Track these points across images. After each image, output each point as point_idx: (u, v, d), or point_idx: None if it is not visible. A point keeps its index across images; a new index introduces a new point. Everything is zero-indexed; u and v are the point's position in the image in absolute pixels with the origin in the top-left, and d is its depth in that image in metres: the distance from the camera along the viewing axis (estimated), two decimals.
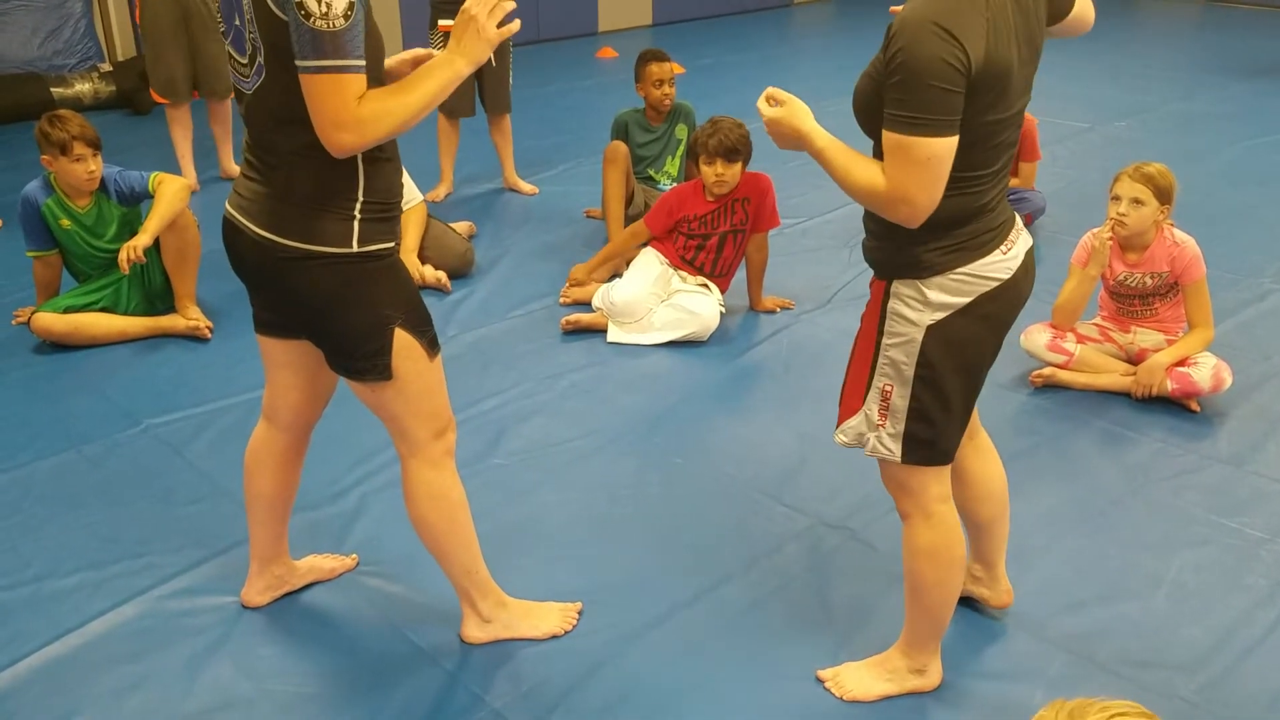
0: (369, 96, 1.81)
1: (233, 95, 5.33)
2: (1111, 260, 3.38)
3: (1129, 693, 2.18)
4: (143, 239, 3.56)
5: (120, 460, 3.05)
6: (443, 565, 2.26)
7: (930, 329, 1.88)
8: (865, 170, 1.79)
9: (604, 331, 3.84)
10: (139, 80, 6.73)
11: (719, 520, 2.79)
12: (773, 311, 4.03)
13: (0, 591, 2.50)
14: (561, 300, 4.09)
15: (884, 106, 1.74)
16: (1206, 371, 3.26)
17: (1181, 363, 3.28)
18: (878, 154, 1.85)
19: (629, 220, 4.50)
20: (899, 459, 1.98)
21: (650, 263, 3.93)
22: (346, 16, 1.75)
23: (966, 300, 1.87)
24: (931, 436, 1.96)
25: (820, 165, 1.86)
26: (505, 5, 1.90)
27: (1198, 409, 3.29)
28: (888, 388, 1.94)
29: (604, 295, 3.86)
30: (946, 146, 1.72)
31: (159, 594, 2.49)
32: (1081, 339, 3.47)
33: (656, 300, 3.84)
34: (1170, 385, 3.27)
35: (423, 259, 4.25)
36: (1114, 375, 3.40)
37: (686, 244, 3.94)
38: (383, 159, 1.96)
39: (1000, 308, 1.92)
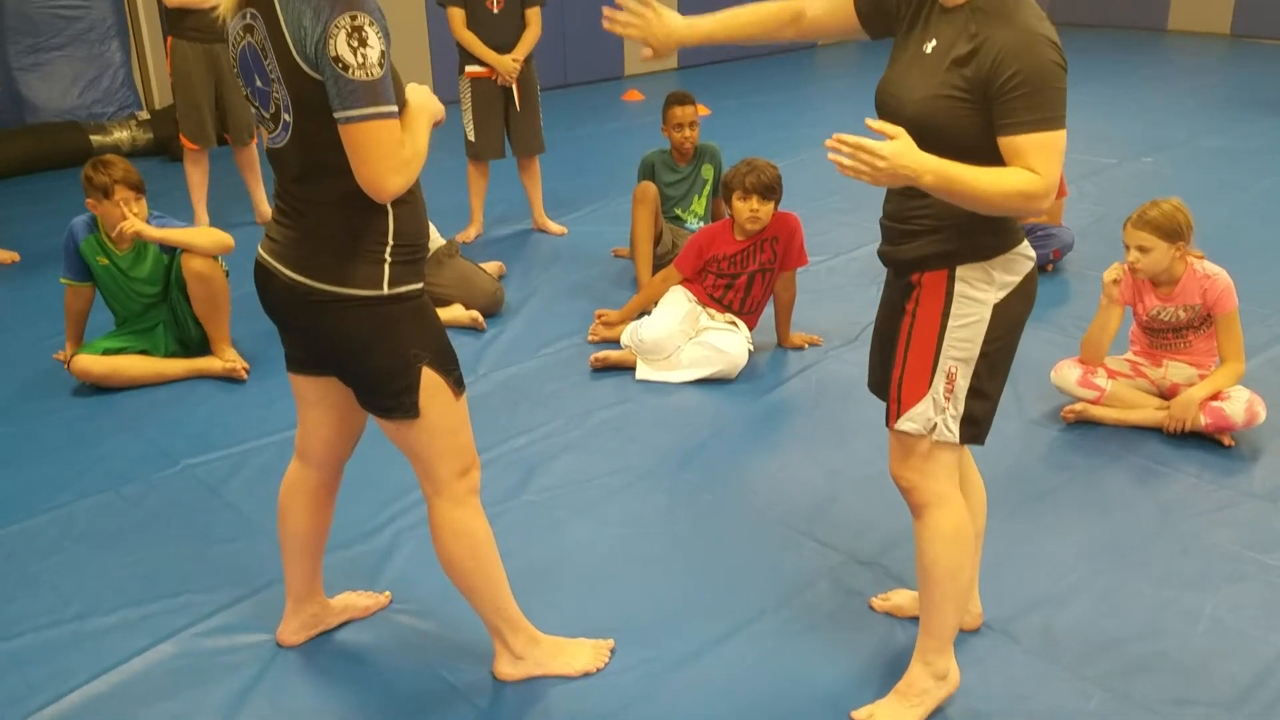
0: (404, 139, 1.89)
1: (256, 140, 5.50)
2: (1144, 295, 3.38)
3: None
4: (149, 229, 3.62)
5: (158, 500, 3.09)
6: (472, 602, 2.28)
7: (996, 307, 2.01)
8: (1007, 175, 1.85)
9: (633, 369, 3.87)
10: (176, 127, 6.88)
11: (750, 556, 2.79)
12: (801, 348, 4.05)
13: (42, 629, 2.53)
14: (590, 338, 4.13)
15: (1002, 118, 1.85)
16: (1240, 406, 3.23)
17: (1214, 397, 3.26)
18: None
19: (656, 259, 4.54)
20: (958, 440, 2.07)
21: (678, 300, 3.96)
22: (380, 65, 1.82)
23: (1019, 278, 2.02)
24: (983, 414, 2.08)
25: (945, 189, 1.85)
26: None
27: (1231, 444, 3.27)
28: (953, 370, 2.03)
29: (633, 333, 3.89)
30: (1065, 136, 1.90)
31: (196, 632, 2.52)
32: (1113, 374, 3.46)
33: (685, 338, 3.86)
34: (1203, 420, 3.25)
35: (452, 299, 4.29)
36: (1146, 410, 3.38)
37: (715, 282, 3.97)
38: (410, 201, 2.01)
39: (1035, 286, 2.07)
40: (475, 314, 4.26)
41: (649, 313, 4.02)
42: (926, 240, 2.02)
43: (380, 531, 2.90)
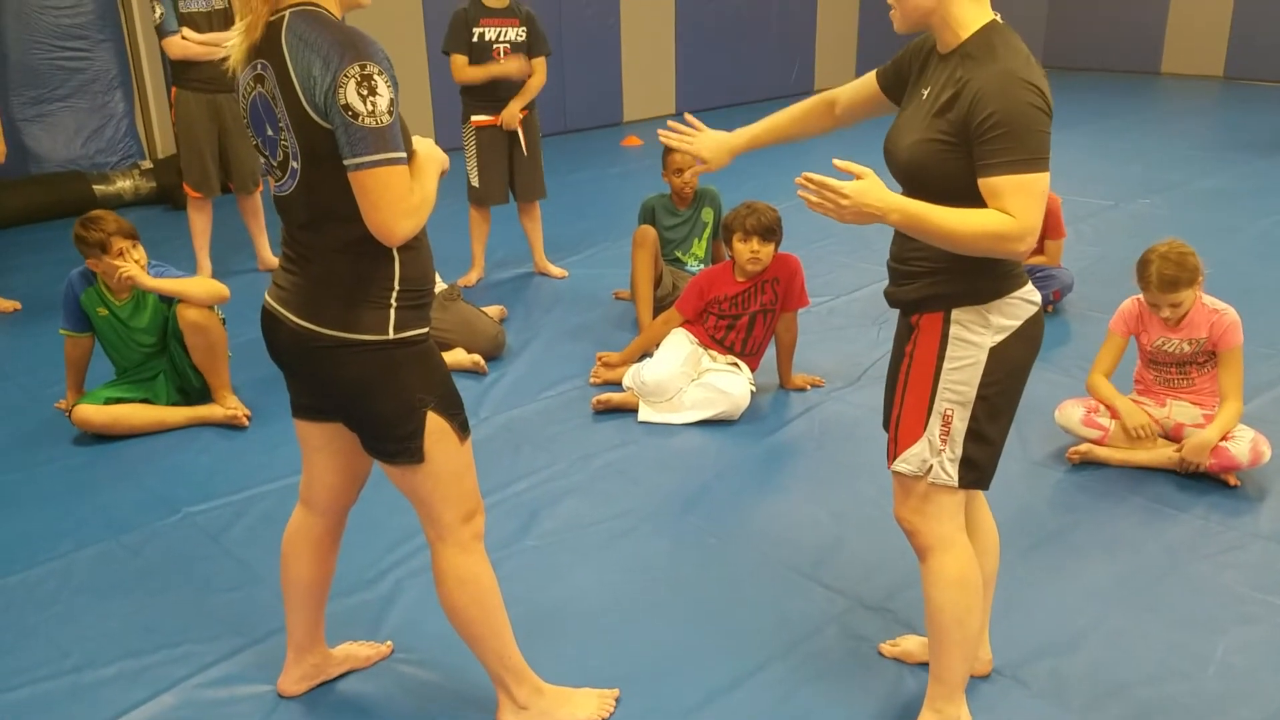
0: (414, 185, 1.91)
1: (260, 189, 5.55)
2: (1150, 325, 3.39)
3: None
4: (145, 277, 3.63)
5: (159, 549, 3.07)
6: (475, 651, 2.25)
7: (992, 351, 2.00)
8: (980, 216, 1.86)
9: (635, 411, 3.86)
10: (178, 176, 6.92)
11: (756, 602, 2.76)
12: (803, 389, 4.04)
13: (40, 682, 2.50)
14: (592, 380, 4.13)
15: (980, 159, 1.86)
16: (1245, 445, 3.22)
17: (1222, 437, 3.25)
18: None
19: (657, 301, 4.56)
20: (956, 484, 2.05)
21: (680, 342, 3.96)
22: (390, 112, 1.84)
23: (1019, 323, 2.01)
24: (985, 458, 2.06)
25: (912, 228, 1.89)
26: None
27: (1237, 484, 3.25)
28: (949, 412, 2.02)
29: (635, 375, 3.89)
30: (1048, 180, 1.88)
31: (197, 683, 2.49)
32: (1112, 412, 3.44)
33: (687, 379, 3.86)
34: (1209, 460, 3.23)
35: (454, 343, 4.30)
36: (1151, 451, 3.36)
37: (717, 324, 3.97)
38: (416, 247, 2.02)
39: (1039, 330, 2.06)
40: (477, 357, 4.26)
41: (651, 355, 4.02)
42: (925, 282, 2.03)
43: (382, 579, 2.88)
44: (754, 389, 3.92)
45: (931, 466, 2.05)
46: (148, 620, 2.73)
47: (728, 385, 3.81)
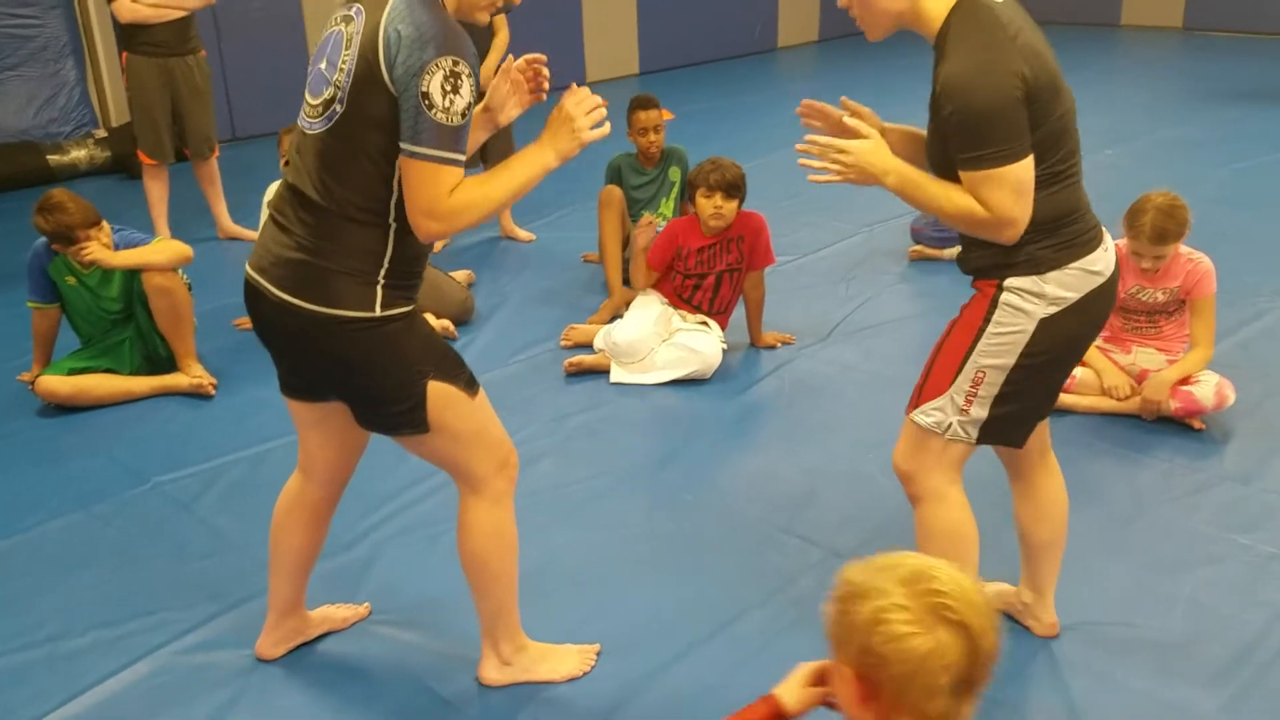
0: (460, 186, 1.87)
1: (216, 155, 5.40)
2: (1125, 273, 3.41)
3: (1152, 712, 2.18)
4: (107, 255, 3.59)
5: (129, 519, 3.04)
6: (480, 603, 2.25)
7: (1043, 322, 1.96)
8: (961, 197, 1.91)
9: (607, 373, 3.86)
10: (134, 144, 6.79)
11: (732, 555, 2.78)
12: (773, 347, 4.06)
13: (16, 653, 2.48)
14: (562, 343, 4.11)
15: (955, 152, 1.87)
16: (1209, 389, 3.27)
17: (1184, 381, 3.30)
18: None
19: (625, 262, 4.53)
20: (973, 442, 2.06)
21: (650, 302, 3.96)
22: (464, 115, 1.83)
23: (1076, 296, 1.97)
24: (1013, 419, 2.05)
25: (904, 193, 1.96)
26: (600, 111, 2.05)
27: (1202, 427, 3.31)
28: (980, 374, 2.01)
29: (605, 336, 3.88)
30: (1028, 165, 1.88)
31: (173, 650, 2.48)
32: (1082, 362, 3.48)
33: (658, 339, 3.85)
34: (1174, 405, 3.28)
35: (422, 308, 4.24)
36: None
37: (684, 283, 3.97)
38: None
39: (1103, 304, 2.03)
40: (446, 323, 4.23)
41: (621, 315, 4.01)
42: (984, 251, 2.01)
43: (359, 542, 2.87)
44: (725, 347, 3.92)
45: (951, 424, 2.05)
46: (122, 589, 2.71)
47: (699, 344, 3.81)
